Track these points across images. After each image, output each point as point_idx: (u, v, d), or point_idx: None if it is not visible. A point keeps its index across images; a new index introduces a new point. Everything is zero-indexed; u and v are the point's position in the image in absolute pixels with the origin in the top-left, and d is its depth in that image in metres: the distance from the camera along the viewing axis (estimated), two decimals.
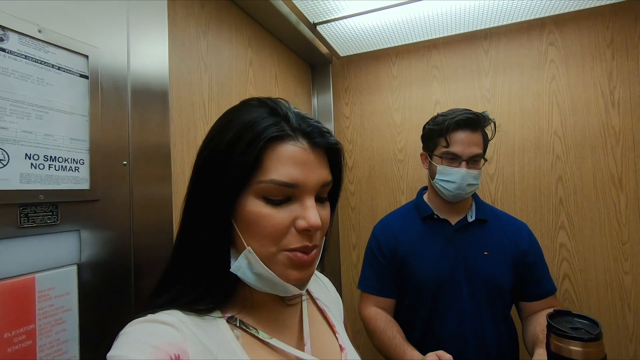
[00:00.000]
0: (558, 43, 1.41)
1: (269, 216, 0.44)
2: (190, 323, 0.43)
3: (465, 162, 1.01)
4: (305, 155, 0.45)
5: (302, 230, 0.45)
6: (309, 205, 0.45)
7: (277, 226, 0.44)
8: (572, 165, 1.38)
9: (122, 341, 0.40)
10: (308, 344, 0.52)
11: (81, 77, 0.57)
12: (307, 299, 0.60)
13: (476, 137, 1.02)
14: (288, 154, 0.44)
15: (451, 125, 1.02)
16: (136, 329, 0.41)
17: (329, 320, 0.61)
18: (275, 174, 0.43)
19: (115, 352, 0.39)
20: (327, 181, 0.48)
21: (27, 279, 0.49)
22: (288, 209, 0.45)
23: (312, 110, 1.79)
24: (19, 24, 0.48)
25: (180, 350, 0.40)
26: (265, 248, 0.45)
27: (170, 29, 0.84)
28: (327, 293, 0.68)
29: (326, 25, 1.40)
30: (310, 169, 0.45)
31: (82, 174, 0.56)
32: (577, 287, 1.36)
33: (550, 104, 1.42)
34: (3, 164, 0.46)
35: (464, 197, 1.05)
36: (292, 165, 0.44)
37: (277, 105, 0.48)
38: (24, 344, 0.48)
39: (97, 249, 0.59)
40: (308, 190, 0.45)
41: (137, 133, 0.68)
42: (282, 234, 0.45)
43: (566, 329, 0.62)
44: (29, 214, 0.49)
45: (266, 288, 0.48)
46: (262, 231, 0.44)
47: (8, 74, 0.47)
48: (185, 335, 0.41)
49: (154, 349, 0.38)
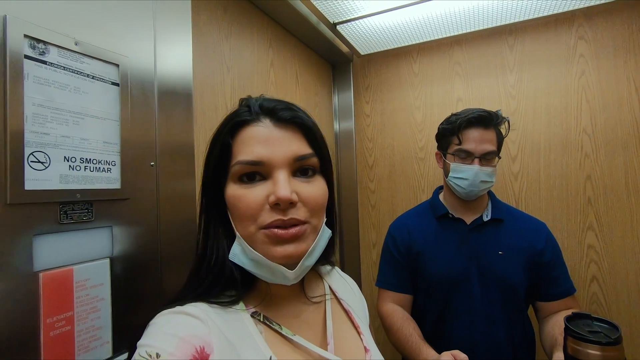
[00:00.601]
0: (588, 37, 1.35)
1: (242, 196, 0.46)
2: (215, 316, 0.45)
3: (478, 159, 1.01)
4: (268, 132, 0.47)
5: (273, 205, 0.45)
6: (278, 179, 0.45)
7: (251, 204, 0.46)
8: (602, 164, 1.33)
9: (150, 331, 0.43)
10: (332, 343, 0.52)
11: (113, 84, 0.61)
12: (331, 298, 0.60)
13: (489, 134, 1.02)
14: (251, 134, 0.48)
15: (463, 123, 1.03)
16: (164, 320, 0.44)
17: (353, 321, 0.60)
18: (242, 155, 0.47)
19: (145, 341, 0.42)
20: (302, 154, 0.48)
21: (66, 270, 0.54)
22: (261, 186, 0.47)
23: (333, 108, 1.80)
24: (57, 38, 0.53)
25: (204, 343, 0.42)
26: (245, 229, 0.47)
27: (194, 34, 0.88)
28: (352, 294, 0.67)
29: (346, 24, 1.41)
30: (276, 144, 0.47)
31: (113, 175, 0.61)
32: (606, 291, 1.31)
33: (579, 101, 1.36)
34: (45, 166, 0.51)
35: (478, 194, 1.04)
36: (255, 144, 0.47)
37: (245, 98, 0.52)
38: (64, 329, 0.53)
39: (127, 243, 0.64)
40: (277, 165, 0.46)
41: (163, 135, 0.72)
42: (257, 212, 0.46)
43: (584, 332, 0.61)
44: (67, 212, 0.54)
45: (264, 273, 0.48)
46: (240, 212, 0.47)
47: (49, 84, 0.52)
48: (210, 328, 0.43)
49: (180, 340, 0.41)
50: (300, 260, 0.47)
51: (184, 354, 0.40)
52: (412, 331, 0.99)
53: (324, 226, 0.52)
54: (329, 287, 0.62)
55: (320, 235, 0.50)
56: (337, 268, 0.70)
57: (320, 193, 0.50)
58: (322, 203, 0.50)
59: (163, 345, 0.40)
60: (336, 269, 0.69)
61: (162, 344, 0.40)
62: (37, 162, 0.50)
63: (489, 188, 1.05)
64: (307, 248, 0.47)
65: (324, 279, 0.64)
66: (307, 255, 0.48)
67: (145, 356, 0.39)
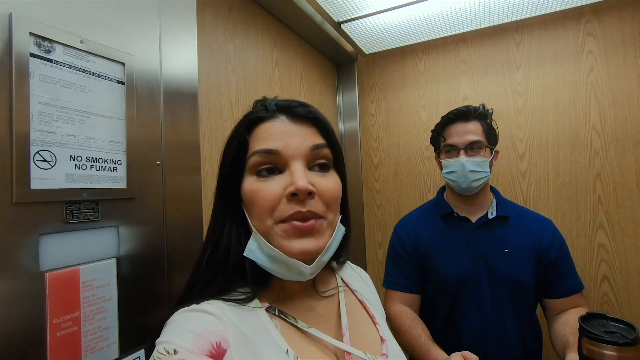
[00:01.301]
0: (597, 33, 1.33)
1: (259, 189, 0.47)
2: (230, 312, 0.45)
3: (463, 150, 1.04)
4: (284, 126, 0.49)
5: (291, 197, 0.45)
6: (295, 169, 0.46)
7: (268, 197, 0.46)
8: (612, 162, 1.31)
9: (168, 328, 0.44)
10: (347, 334, 0.52)
11: (118, 83, 0.61)
12: (344, 289, 0.60)
13: (470, 126, 1.05)
14: (267, 129, 0.49)
15: (444, 121, 1.10)
16: (181, 317, 0.45)
17: (369, 311, 0.60)
18: (258, 146, 0.48)
19: (162, 338, 0.42)
20: (317, 144, 0.49)
21: (73, 270, 0.53)
22: (278, 179, 0.47)
23: (338, 108, 1.79)
24: (63, 36, 0.53)
25: (221, 339, 0.42)
26: (263, 223, 0.47)
27: (199, 34, 0.87)
28: (365, 285, 0.67)
29: (351, 23, 1.40)
30: (292, 136, 0.48)
31: (119, 174, 0.61)
32: (618, 291, 1.29)
33: (587, 97, 1.34)
34: (51, 165, 0.51)
35: (473, 187, 1.04)
36: (271, 137, 0.48)
37: (260, 99, 0.54)
38: (71, 329, 0.53)
39: (133, 243, 0.63)
40: (292, 156, 0.47)
41: (169, 134, 0.72)
42: (274, 205, 0.46)
43: (600, 332, 0.60)
44: (73, 211, 0.53)
45: (281, 269, 0.48)
46: (257, 206, 0.47)
47: (55, 82, 0.52)
48: (225, 324, 0.44)
49: (197, 336, 0.41)
50: (317, 256, 0.47)
51: (201, 350, 0.40)
52: (420, 332, 0.98)
53: (339, 223, 0.52)
54: (341, 280, 0.62)
55: (336, 231, 0.50)
56: (348, 261, 0.70)
57: (336, 187, 0.50)
58: (338, 197, 0.50)
59: (180, 341, 0.40)
60: (348, 262, 0.69)
61: (179, 340, 0.40)
62: (43, 160, 0.50)
63: (483, 179, 1.04)
64: (325, 243, 0.47)
65: (336, 272, 0.64)
66: (324, 251, 0.47)
67: (163, 352, 0.39)
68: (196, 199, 0.79)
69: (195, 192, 0.79)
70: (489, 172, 1.05)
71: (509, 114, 1.46)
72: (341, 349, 0.49)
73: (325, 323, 0.53)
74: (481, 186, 1.06)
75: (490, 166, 1.06)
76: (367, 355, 0.50)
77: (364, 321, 0.58)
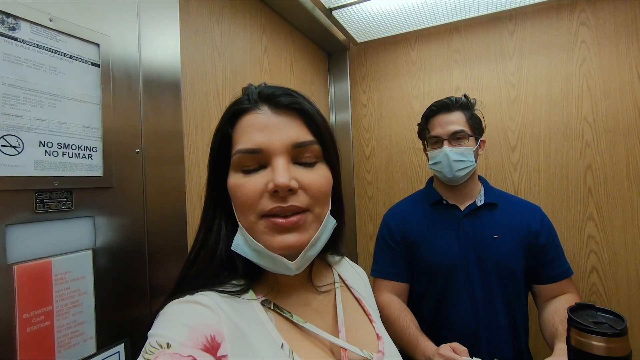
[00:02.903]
0: (590, 22, 1.32)
1: (243, 185, 0.46)
2: (225, 305, 0.44)
3: (447, 140, 1.04)
4: (266, 119, 0.46)
5: (272, 193, 0.44)
6: (277, 165, 0.44)
7: (250, 193, 0.45)
8: (602, 153, 1.30)
9: (160, 321, 0.42)
10: (343, 330, 0.51)
11: (92, 65, 0.58)
12: (341, 286, 0.59)
13: (453, 116, 1.06)
14: (249, 122, 0.47)
15: (427, 113, 1.11)
16: (174, 309, 0.43)
17: (365, 308, 0.60)
18: (241, 144, 0.46)
19: (155, 330, 0.40)
20: (300, 141, 0.46)
21: (44, 262, 0.51)
22: (261, 174, 0.46)
23: (329, 98, 1.76)
24: (30, 12, 0.49)
25: (215, 332, 0.41)
26: (246, 218, 0.46)
27: (182, 17, 0.84)
28: (362, 283, 0.67)
29: (342, 10, 1.36)
30: (274, 131, 0.46)
31: (95, 161, 0.58)
32: (606, 282, 1.30)
33: (580, 88, 1.33)
34: (18, 151, 0.48)
35: (459, 176, 1.04)
36: (253, 132, 0.46)
37: (245, 88, 0.51)
38: (42, 324, 0.50)
39: (111, 234, 0.60)
40: (275, 152, 0.45)
41: (149, 122, 0.69)
42: (256, 200, 0.45)
43: (588, 323, 0.59)
44: (44, 200, 0.51)
45: (267, 264, 0.47)
46: (240, 201, 0.46)
47: (21, 62, 0.48)
48: (220, 317, 0.42)
49: (191, 329, 0.40)
50: (301, 251, 0.46)
51: (195, 344, 0.39)
52: (409, 322, 0.97)
53: (329, 215, 0.50)
54: (338, 276, 0.61)
55: (324, 224, 0.48)
56: (347, 258, 0.69)
57: (323, 181, 0.48)
58: (326, 191, 0.48)
59: (173, 334, 0.39)
60: (345, 259, 0.69)
61: (173, 333, 0.39)
62: (9, 146, 0.47)
63: (468, 169, 1.04)
64: (309, 238, 0.46)
65: (333, 267, 0.63)
66: (309, 245, 0.46)
67: (156, 346, 0.38)
68: (179, 189, 0.77)
69: (178, 183, 0.76)
70: (474, 161, 1.05)
71: (502, 104, 1.45)
72: (337, 345, 0.48)
73: (321, 318, 0.52)
74: (467, 176, 1.05)
75: (475, 156, 1.05)
76: (364, 352, 0.49)
77: (360, 318, 0.57)
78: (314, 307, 0.53)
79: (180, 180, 0.77)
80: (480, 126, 1.10)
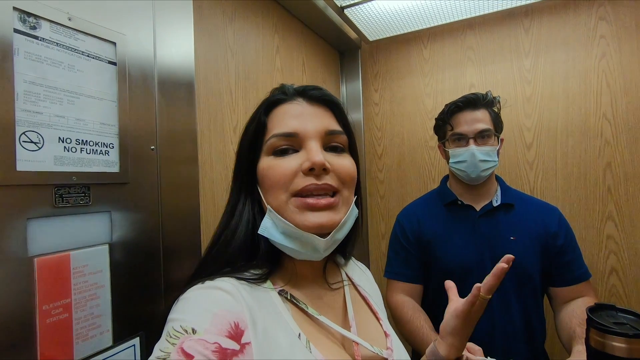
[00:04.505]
0: (610, 17, 1.28)
1: (276, 165, 0.48)
2: (244, 292, 0.44)
3: (473, 139, 1.01)
4: (301, 108, 0.50)
5: (308, 172, 0.46)
6: (311, 146, 0.47)
7: (284, 172, 0.47)
8: (623, 151, 1.26)
9: (183, 305, 0.42)
10: (354, 325, 0.52)
11: (109, 63, 0.59)
12: (349, 284, 0.60)
13: (479, 114, 1.02)
14: (285, 110, 0.51)
15: (452, 108, 1.06)
16: (197, 294, 0.43)
17: (371, 307, 0.60)
18: (277, 129, 0.49)
19: (177, 315, 0.40)
20: (332, 129, 0.50)
21: (63, 255, 0.52)
22: (295, 156, 0.48)
23: (341, 96, 1.76)
24: (50, 12, 0.51)
25: (239, 319, 0.41)
26: (277, 198, 0.47)
27: (196, 18, 0.85)
28: (368, 282, 0.68)
29: (354, 8, 1.36)
30: (309, 118, 0.49)
31: (112, 157, 0.59)
32: (626, 283, 1.26)
33: (599, 84, 1.30)
34: (38, 147, 0.49)
35: (481, 176, 1.02)
36: (289, 119, 0.49)
37: (278, 87, 0.55)
38: (61, 316, 0.51)
39: (127, 229, 0.62)
40: (309, 136, 0.48)
41: (164, 119, 0.70)
42: (289, 179, 0.46)
43: (609, 323, 0.57)
44: (63, 195, 0.52)
45: (295, 246, 0.47)
46: (271, 181, 0.47)
47: (41, 60, 0.50)
48: (241, 303, 0.42)
49: (215, 315, 0.40)
50: (332, 231, 0.47)
51: (220, 331, 0.38)
52: (423, 323, 0.96)
53: (353, 204, 0.52)
54: (345, 275, 0.62)
55: (350, 210, 0.50)
56: (353, 258, 0.70)
57: (352, 166, 0.51)
58: (353, 176, 0.51)
59: (198, 320, 0.39)
60: (352, 259, 0.69)
61: (197, 318, 0.39)
62: (30, 142, 0.48)
63: (492, 169, 1.02)
64: (340, 219, 0.48)
65: (341, 268, 0.63)
66: (339, 226, 0.47)
67: (181, 331, 0.38)
68: (193, 186, 0.78)
69: (192, 179, 0.77)
70: (497, 160, 1.03)
71: (517, 102, 1.42)
72: (349, 339, 0.49)
73: (333, 313, 0.53)
74: (488, 175, 1.03)
75: (497, 154, 1.03)
76: (374, 348, 0.50)
77: (367, 316, 0.58)
78: (326, 301, 0.54)
79: (194, 177, 0.78)
80: (502, 124, 1.08)
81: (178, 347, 0.36)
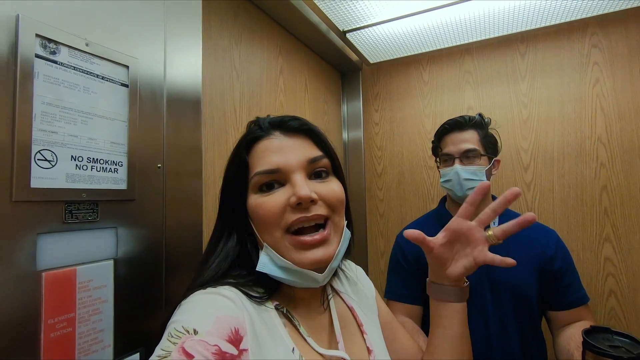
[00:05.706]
0: (602, 45, 1.33)
1: (264, 203, 0.49)
2: (245, 301, 0.46)
3: (459, 159, 1.06)
4: (280, 143, 0.51)
5: (295, 206, 0.47)
6: (296, 180, 0.48)
7: (272, 208, 0.48)
8: (618, 174, 1.29)
9: (185, 309, 0.43)
10: (341, 341, 0.53)
11: (122, 86, 0.62)
12: (333, 296, 0.60)
13: (466, 134, 1.07)
14: (264, 147, 0.51)
15: (441, 130, 1.13)
16: (200, 298, 0.44)
17: (357, 319, 0.61)
18: (259, 167, 0.50)
19: (179, 317, 0.41)
20: (313, 157, 0.51)
21: (69, 270, 0.53)
22: (281, 191, 0.49)
23: (342, 117, 1.80)
24: (69, 38, 0.54)
25: (239, 325, 0.42)
26: (271, 235, 0.48)
27: (205, 40, 0.88)
28: (355, 283, 0.68)
29: (356, 32, 1.41)
30: (289, 151, 0.50)
31: (120, 175, 0.61)
32: (625, 305, 1.26)
33: (593, 109, 1.34)
34: (52, 165, 0.51)
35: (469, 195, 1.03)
36: (270, 155, 0.50)
37: (253, 120, 0.56)
38: (65, 330, 0.52)
39: (132, 245, 0.63)
40: (292, 169, 0.49)
41: (171, 138, 0.72)
42: (279, 214, 0.47)
43: (604, 346, 0.58)
44: (72, 211, 0.54)
45: (296, 279, 0.49)
46: (263, 219, 0.48)
47: (59, 83, 0.52)
48: (242, 311, 0.44)
49: (217, 319, 0.40)
50: (328, 264, 0.48)
51: (221, 334, 0.39)
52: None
53: (346, 228, 0.53)
54: (330, 287, 0.63)
55: (343, 237, 0.51)
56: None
57: (338, 190, 0.52)
58: (342, 199, 0.52)
59: (200, 321, 0.40)
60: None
61: (199, 320, 0.40)
62: (44, 160, 0.50)
63: None
64: (334, 251, 0.49)
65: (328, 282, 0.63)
66: (334, 258, 0.49)
67: (182, 331, 0.38)
68: (197, 203, 0.79)
69: (196, 197, 0.79)
70: (484, 180, 1.05)
71: (514, 124, 1.46)
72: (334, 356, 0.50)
73: (323, 332, 0.54)
74: None
75: (487, 175, 1.05)
76: None
77: (352, 331, 0.59)
78: (318, 321, 0.55)
79: (197, 194, 0.79)
80: (495, 146, 1.10)
81: (179, 347, 0.36)
